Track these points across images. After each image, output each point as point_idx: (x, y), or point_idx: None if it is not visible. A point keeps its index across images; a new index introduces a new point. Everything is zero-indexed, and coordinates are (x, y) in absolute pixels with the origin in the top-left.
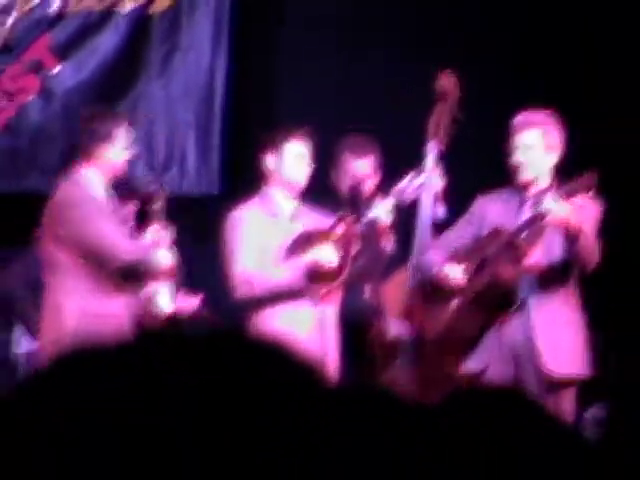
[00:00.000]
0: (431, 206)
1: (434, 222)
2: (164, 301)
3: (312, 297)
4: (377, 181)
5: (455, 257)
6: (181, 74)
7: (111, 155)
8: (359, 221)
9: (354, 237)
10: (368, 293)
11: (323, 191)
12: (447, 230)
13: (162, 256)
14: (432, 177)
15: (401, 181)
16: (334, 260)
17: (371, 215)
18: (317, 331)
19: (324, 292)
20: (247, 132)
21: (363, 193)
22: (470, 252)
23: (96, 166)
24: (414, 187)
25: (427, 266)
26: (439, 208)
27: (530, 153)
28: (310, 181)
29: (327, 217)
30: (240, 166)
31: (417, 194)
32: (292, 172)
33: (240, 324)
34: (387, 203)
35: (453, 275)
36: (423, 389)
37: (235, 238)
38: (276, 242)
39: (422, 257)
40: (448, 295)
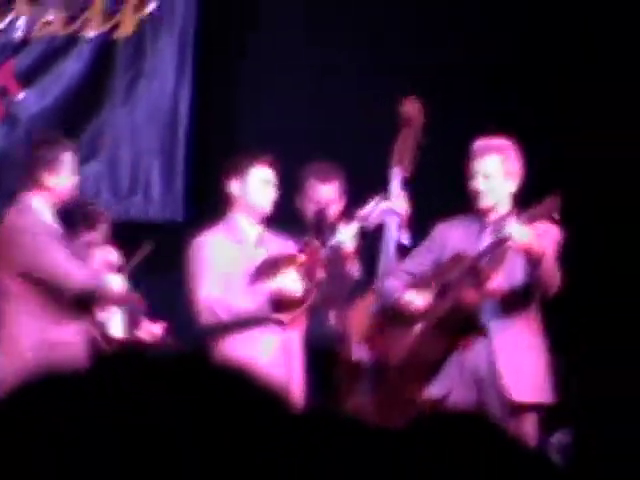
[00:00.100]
0: (396, 231)
1: (399, 247)
2: (117, 327)
3: (277, 323)
4: (342, 207)
5: (416, 283)
6: (145, 100)
7: (57, 182)
8: (324, 246)
9: (319, 262)
10: (333, 318)
11: (287, 217)
12: (407, 257)
13: (113, 281)
14: (397, 202)
15: (365, 206)
16: (298, 286)
17: (335, 240)
18: (282, 357)
19: (289, 318)
20: (211, 158)
21: (328, 218)
22: (432, 277)
23: (42, 193)
24: (378, 212)
25: (387, 292)
26: (404, 234)
27: (490, 180)
28: (274, 207)
29: (292, 243)
30: (204, 192)
31: (382, 219)
32: (257, 197)
33: (204, 350)
34: (351, 228)
35: (413, 301)
36: (385, 415)
37: (199, 264)
38: (241, 268)
39: (382, 284)
40: (410, 321)
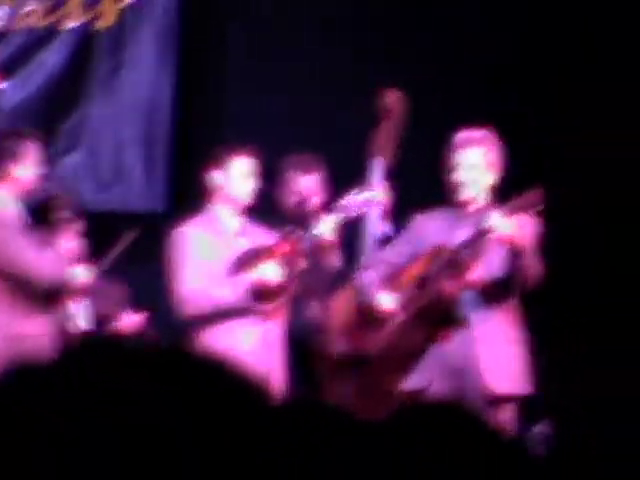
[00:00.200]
0: (377, 222)
1: (380, 238)
2: (83, 319)
3: (257, 314)
4: (323, 198)
5: (391, 280)
6: (126, 91)
7: (22, 172)
8: (304, 237)
9: (299, 253)
10: (314, 309)
11: (268, 208)
12: (386, 247)
13: (80, 273)
14: (377, 193)
15: (345, 197)
16: (279, 277)
17: (316, 231)
18: (263, 348)
19: (269, 309)
20: (193, 149)
21: (308, 210)
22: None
23: (7, 184)
24: (358, 203)
25: (364, 286)
26: (385, 224)
27: (472, 171)
28: (255, 198)
29: (272, 234)
30: (185, 183)
31: (363, 210)
32: (238, 188)
33: (185, 341)
34: (332, 219)
35: (384, 303)
36: (366, 406)
37: (180, 255)
38: (221, 259)
39: (359, 276)
40: (381, 321)
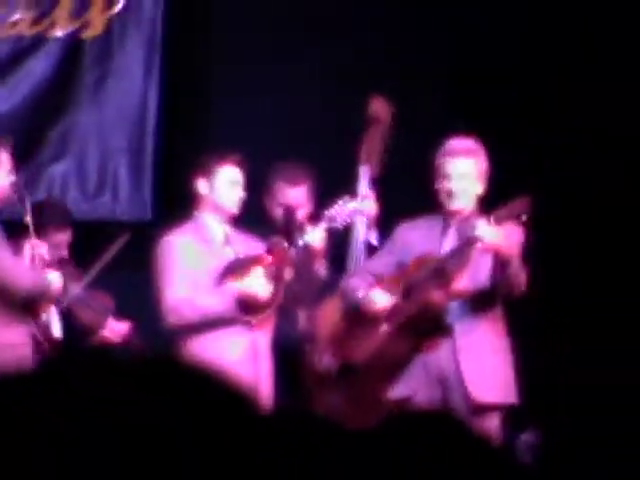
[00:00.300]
0: (364, 231)
1: (367, 247)
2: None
3: (245, 324)
4: (310, 209)
5: (382, 283)
6: (113, 100)
7: None
8: (292, 247)
9: (287, 263)
10: (301, 319)
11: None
12: (371, 257)
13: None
14: (365, 202)
15: (333, 206)
16: (266, 287)
17: (303, 240)
18: (250, 357)
19: (257, 319)
20: (179, 158)
21: (296, 219)
22: (397, 279)
23: None
24: (346, 212)
25: (350, 290)
26: (372, 233)
27: (462, 181)
28: (242, 207)
29: (259, 243)
30: (172, 191)
31: (350, 219)
32: (225, 197)
33: (172, 351)
34: (319, 228)
35: (378, 301)
36: (353, 415)
37: (167, 264)
38: (208, 268)
39: (346, 284)
40: (375, 321)
